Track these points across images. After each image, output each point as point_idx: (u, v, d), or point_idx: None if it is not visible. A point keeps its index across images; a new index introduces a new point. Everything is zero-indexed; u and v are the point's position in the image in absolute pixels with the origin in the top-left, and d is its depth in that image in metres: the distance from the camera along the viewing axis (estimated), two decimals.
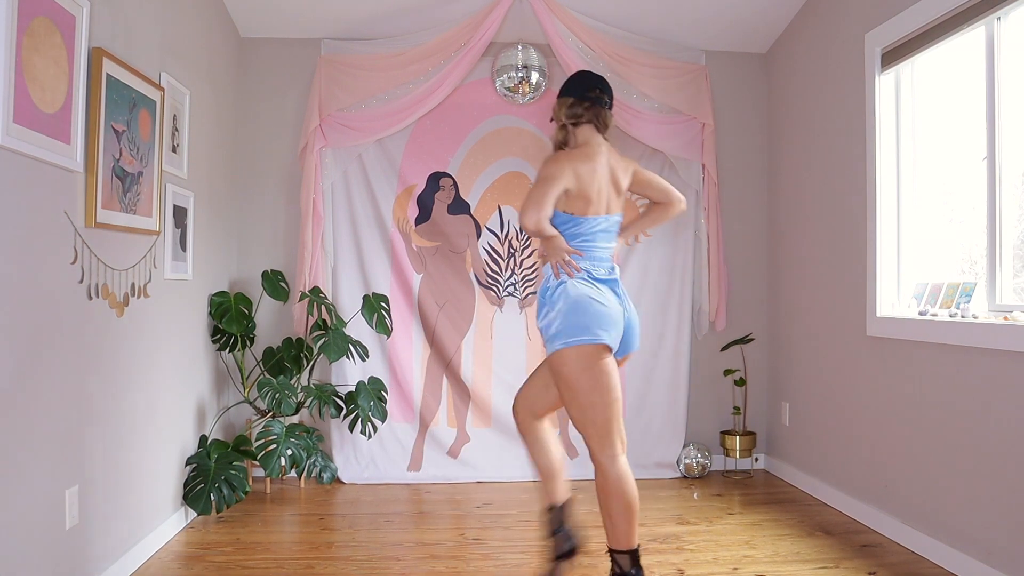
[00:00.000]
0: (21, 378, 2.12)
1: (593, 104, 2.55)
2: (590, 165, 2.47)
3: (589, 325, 2.35)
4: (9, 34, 1.99)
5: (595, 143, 2.54)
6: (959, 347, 2.79)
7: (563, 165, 2.44)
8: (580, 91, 2.57)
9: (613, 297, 2.46)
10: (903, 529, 3.11)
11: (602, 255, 2.50)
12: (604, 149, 2.54)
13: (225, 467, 3.39)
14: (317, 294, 3.91)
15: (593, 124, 2.56)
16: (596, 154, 2.50)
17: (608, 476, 2.41)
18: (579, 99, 2.56)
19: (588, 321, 2.36)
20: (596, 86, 2.58)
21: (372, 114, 4.09)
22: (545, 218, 2.37)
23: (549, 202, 2.38)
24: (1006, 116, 2.73)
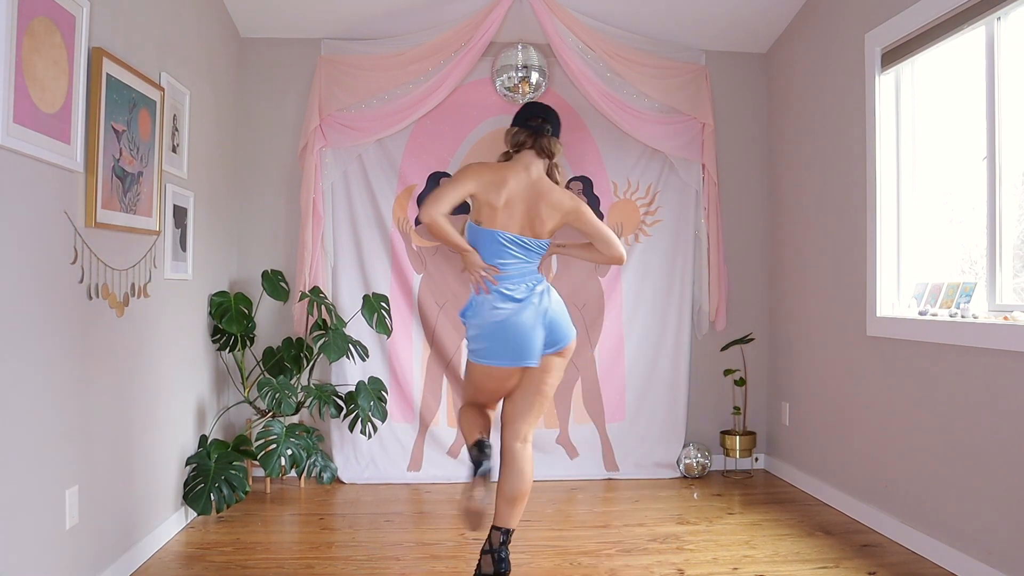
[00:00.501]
0: (21, 378, 2.12)
1: (533, 132, 2.70)
2: (500, 176, 2.60)
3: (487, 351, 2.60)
4: (9, 34, 1.99)
5: (523, 164, 2.67)
6: (959, 347, 2.79)
7: (470, 170, 2.61)
8: (523, 120, 2.73)
9: (527, 314, 2.57)
10: (903, 529, 3.11)
11: (515, 273, 2.62)
12: (533, 173, 2.67)
13: (225, 467, 3.39)
14: (317, 294, 3.91)
15: (535, 150, 2.69)
16: (514, 172, 2.63)
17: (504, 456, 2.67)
18: (521, 127, 2.72)
19: (488, 346, 2.59)
20: (539, 115, 2.73)
21: (372, 114, 4.09)
22: (440, 214, 2.51)
23: (446, 200, 2.53)
24: (1006, 116, 2.73)
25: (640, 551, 3.05)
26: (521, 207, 2.62)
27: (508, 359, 2.59)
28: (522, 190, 2.62)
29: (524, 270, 2.64)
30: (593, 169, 4.32)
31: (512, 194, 2.60)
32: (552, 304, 2.63)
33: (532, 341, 2.58)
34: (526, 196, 2.63)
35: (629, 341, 4.33)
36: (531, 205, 2.64)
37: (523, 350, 2.58)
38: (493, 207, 2.58)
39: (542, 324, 2.59)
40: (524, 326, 2.56)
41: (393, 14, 4.01)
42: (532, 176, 2.66)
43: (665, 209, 4.33)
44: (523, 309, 2.57)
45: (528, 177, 2.65)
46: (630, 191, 4.33)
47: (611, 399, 4.31)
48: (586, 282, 4.30)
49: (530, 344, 2.58)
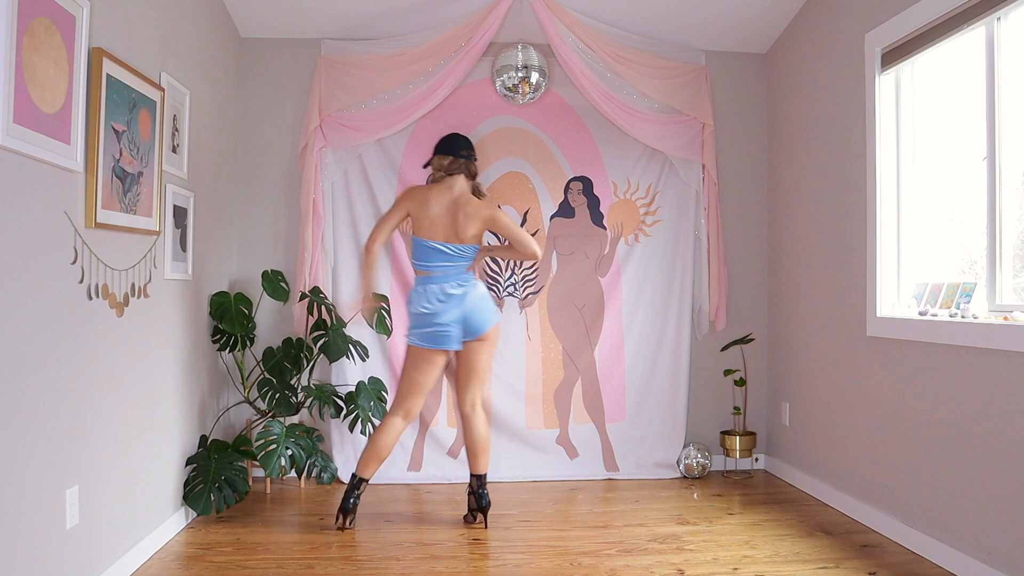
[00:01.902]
0: (21, 378, 2.12)
1: (465, 160, 3.33)
2: (427, 195, 3.27)
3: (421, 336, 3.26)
4: (9, 34, 1.99)
5: (447, 185, 3.30)
6: (959, 347, 2.79)
7: (405, 194, 3.35)
8: (456, 151, 3.33)
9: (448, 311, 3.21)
10: (903, 529, 3.11)
11: (440, 274, 3.25)
12: (455, 191, 3.29)
13: (225, 467, 3.39)
14: (317, 294, 3.91)
15: (464, 174, 3.33)
16: (437, 192, 3.27)
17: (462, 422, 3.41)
18: (456, 157, 3.32)
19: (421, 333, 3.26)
20: (467, 146, 3.35)
21: (372, 114, 4.09)
22: (378, 244, 3.27)
23: (388, 223, 3.31)
24: (1006, 116, 2.73)
25: (640, 551, 3.05)
26: (444, 219, 3.24)
27: (432, 343, 3.23)
28: (445, 205, 3.25)
29: (449, 271, 3.26)
30: (593, 169, 4.32)
31: (437, 210, 3.24)
32: (469, 302, 3.23)
33: (450, 332, 3.22)
34: (448, 209, 3.25)
35: (629, 341, 4.33)
36: (452, 217, 3.24)
37: (443, 339, 3.23)
38: (421, 221, 3.26)
39: (459, 320, 3.22)
40: (444, 320, 3.21)
41: (393, 14, 4.01)
42: (454, 193, 3.28)
43: (665, 209, 4.33)
44: (445, 307, 3.21)
45: (451, 195, 3.27)
46: (630, 191, 4.33)
47: (611, 399, 4.31)
48: (586, 282, 4.31)
49: (448, 335, 3.22)
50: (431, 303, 3.23)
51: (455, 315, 3.22)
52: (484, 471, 3.39)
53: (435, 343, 3.24)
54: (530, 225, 4.30)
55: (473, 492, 3.39)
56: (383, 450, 3.29)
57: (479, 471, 3.39)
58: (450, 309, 3.21)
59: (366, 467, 3.29)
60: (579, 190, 4.32)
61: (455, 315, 3.22)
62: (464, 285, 3.25)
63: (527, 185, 4.30)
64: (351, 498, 3.27)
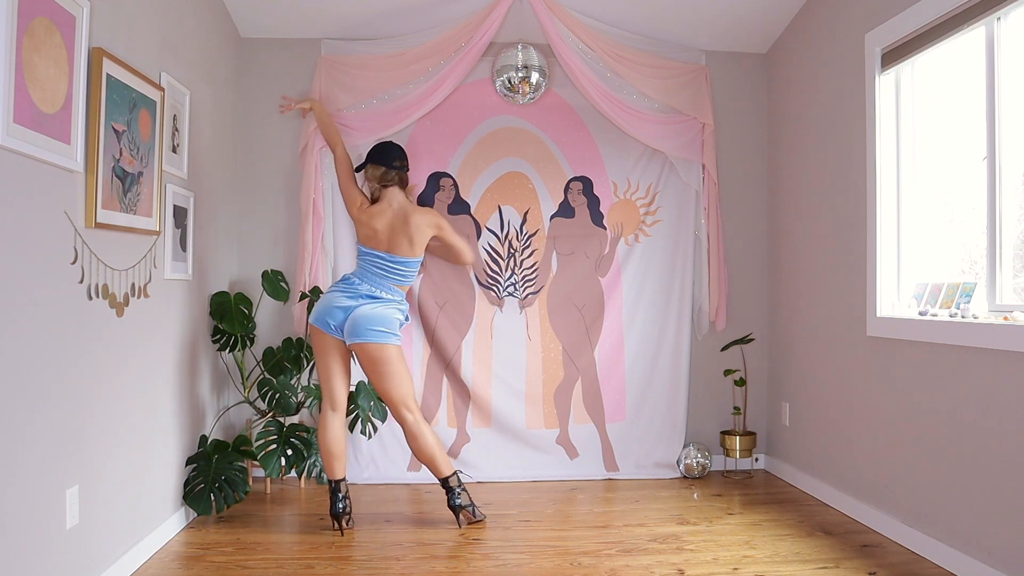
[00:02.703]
0: (21, 378, 2.12)
1: (398, 171, 3.42)
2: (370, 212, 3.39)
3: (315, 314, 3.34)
4: (9, 34, 1.99)
5: (385, 202, 3.40)
6: (959, 347, 2.79)
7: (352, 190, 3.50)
8: (389, 162, 3.39)
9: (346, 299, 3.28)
10: (903, 529, 3.11)
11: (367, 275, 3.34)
12: (395, 206, 3.39)
13: (225, 467, 3.39)
14: (317, 294, 3.91)
15: (397, 185, 3.42)
16: (379, 211, 3.37)
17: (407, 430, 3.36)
18: (388, 168, 3.40)
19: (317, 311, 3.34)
20: (400, 156, 3.43)
21: (372, 114, 4.09)
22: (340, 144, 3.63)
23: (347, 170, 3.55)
24: (1006, 116, 2.73)
25: (640, 551, 3.05)
26: (388, 233, 3.35)
27: (315, 319, 3.29)
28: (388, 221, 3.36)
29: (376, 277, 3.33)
30: (593, 169, 4.32)
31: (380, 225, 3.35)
32: (367, 306, 3.25)
33: (334, 315, 3.26)
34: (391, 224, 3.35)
35: (629, 341, 4.33)
36: (399, 231, 3.33)
37: (324, 317, 3.26)
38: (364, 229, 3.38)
39: (345, 310, 3.25)
40: (334, 303, 3.27)
41: (393, 14, 4.01)
42: (394, 208, 3.38)
43: (665, 209, 4.33)
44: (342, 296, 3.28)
45: (391, 211, 3.37)
46: (630, 191, 4.33)
47: (611, 399, 4.31)
48: (586, 282, 4.31)
49: (331, 316, 3.26)
50: (335, 287, 3.33)
51: (345, 304, 3.25)
52: (445, 474, 3.35)
53: (317, 319, 3.27)
54: (530, 225, 4.30)
55: (448, 493, 3.37)
56: (332, 445, 3.30)
57: (440, 475, 3.35)
58: (344, 298, 3.26)
59: (329, 468, 3.32)
60: (579, 190, 4.32)
61: (345, 304, 3.25)
62: (379, 295, 3.30)
63: (527, 185, 4.30)
64: (337, 502, 3.28)
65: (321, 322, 3.27)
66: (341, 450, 3.33)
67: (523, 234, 4.30)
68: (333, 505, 3.28)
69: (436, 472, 3.35)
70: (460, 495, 3.35)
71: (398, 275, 3.37)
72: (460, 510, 3.34)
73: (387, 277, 3.35)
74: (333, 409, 3.33)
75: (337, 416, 3.34)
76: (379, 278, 3.34)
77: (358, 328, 3.22)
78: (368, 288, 3.30)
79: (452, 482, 3.34)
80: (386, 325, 3.26)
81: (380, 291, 3.31)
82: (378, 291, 3.31)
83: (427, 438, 3.31)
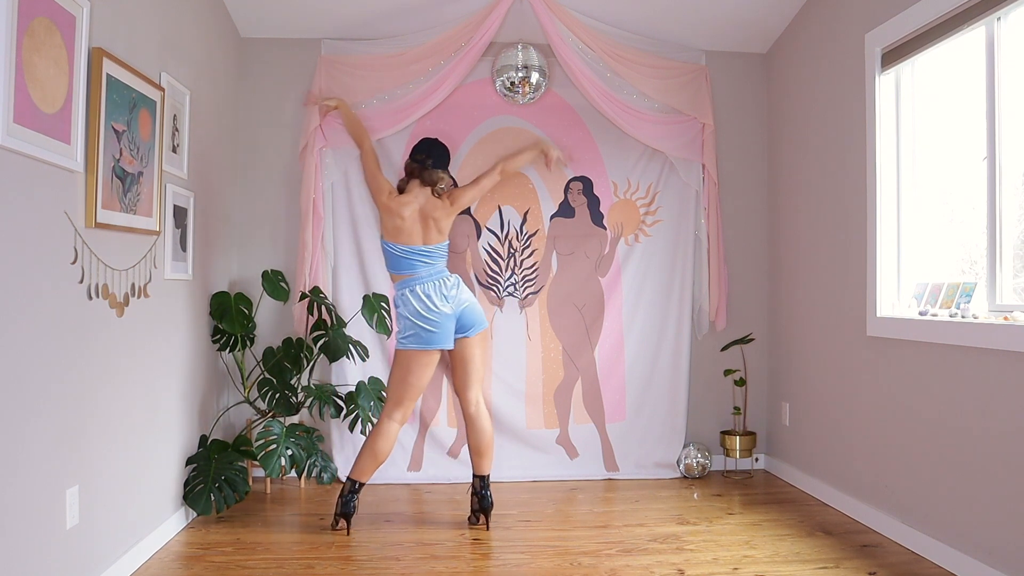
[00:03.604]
0: (21, 378, 2.12)
1: (419, 164, 3.45)
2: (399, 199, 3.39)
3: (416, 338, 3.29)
4: (9, 34, 1.99)
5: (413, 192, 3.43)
6: (959, 347, 2.79)
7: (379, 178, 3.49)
8: (412, 154, 3.50)
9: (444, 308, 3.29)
10: (903, 529, 3.11)
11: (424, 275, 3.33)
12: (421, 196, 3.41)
13: (225, 467, 3.39)
14: (317, 294, 3.91)
15: (418, 178, 3.45)
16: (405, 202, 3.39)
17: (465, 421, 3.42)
18: (410, 159, 3.49)
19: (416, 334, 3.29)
20: (421, 150, 3.48)
21: (372, 114, 4.09)
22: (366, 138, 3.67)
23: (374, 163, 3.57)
24: (1006, 116, 2.73)
25: (640, 551, 3.05)
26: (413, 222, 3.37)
27: (427, 344, 3.26)
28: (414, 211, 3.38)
29: (432, 271, 3.34)
30: (593, 169, 4.32)
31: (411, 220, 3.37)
32: (460, 298, 3.32)
33: (443, 330, 3.27)
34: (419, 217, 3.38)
35: (629, 341, 4.33)
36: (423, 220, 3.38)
37: (437, 338, 3.26)
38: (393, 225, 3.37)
39: (452, 316, 3.29)
40: (437, 318, 3.26)
41: (393, 14, 4.01)
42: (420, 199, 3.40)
43: (665, 209, 4.33)
44: (438, 307, 3.27)
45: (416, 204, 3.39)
46: (630, 191, 4.33)
47: (611, 399, 4.31)
48: (586, 282, 4.31)
49: (441, 333, 3.26)
50: (425, 303, 3.27)
51: (447, 312, 3.28)
52: (487, 471, 3.39)
53: (429, 343, 3.26)
54: (530, 225, 4.30)
55: (476, 493, 3.38)
56: (381, 455, 3.28)
57: (483, 471, 3.39)
58: (443, 308, 3.28)
59: (364, 471, 3.27)
60: (579, 190, 4.32)
61: (447, 312, 3.28)
62: (450, 282, 3.35)
63: (527, 185, 4.30)
64: (351, 503, 3.25)
65: (432, 343, 3.26)
66: (384, 461, 3.32)
67: (523, 234, 4.30)
68: (346, 504, 3.24)
69: (484, 467, 3.37)
70: (490, 496, 3.36)
71: (441, 258, 3.43)
72: (489, 511, 3.34)
73: (436, 264, 3.39)
74: (401, 422, 3.32)
75: (399, 428, 3.33)
76: (433, 269, 3.36)
77: (470, 317, 3.32)
78: (441, 285, 3.32)
79: (486, 482, 3.37)
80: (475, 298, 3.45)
81: (448, 277, 3.37)
82: (447, 278, 3.36)
83: (490, 427, 3.40)
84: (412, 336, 3.27)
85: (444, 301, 3.29)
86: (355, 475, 3.27)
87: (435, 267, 3.37)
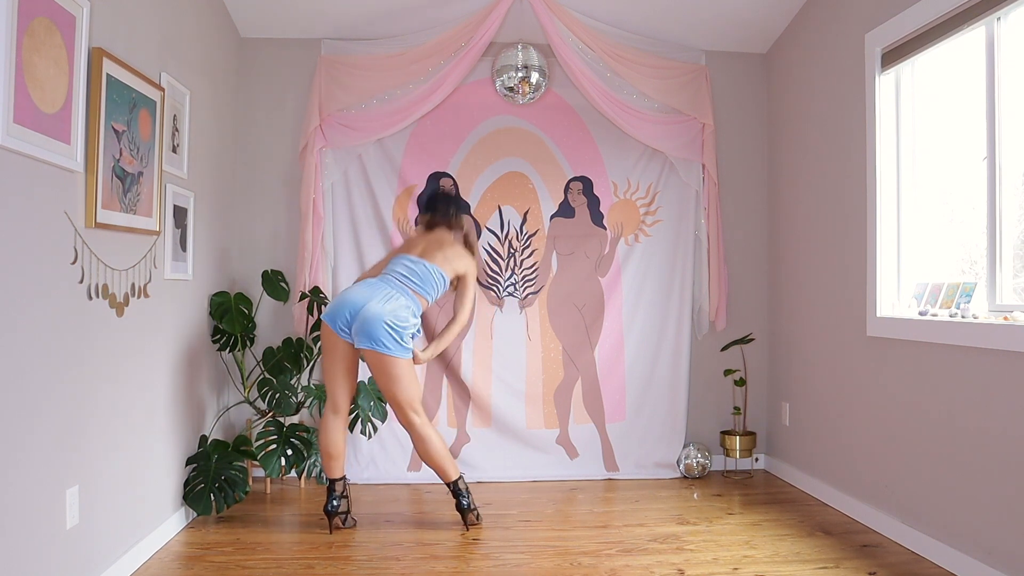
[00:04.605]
0: (21, 378, 2.12)
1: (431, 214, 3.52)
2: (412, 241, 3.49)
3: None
4: (9, 34, 1.99)
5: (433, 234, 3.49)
6: (959, 347, 2.79)
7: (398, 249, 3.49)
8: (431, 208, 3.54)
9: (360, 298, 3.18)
10: (903, 529, 3.11)
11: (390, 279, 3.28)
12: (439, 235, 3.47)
13: (225, 467, 3.39)
14: (317, 294, 3.91)
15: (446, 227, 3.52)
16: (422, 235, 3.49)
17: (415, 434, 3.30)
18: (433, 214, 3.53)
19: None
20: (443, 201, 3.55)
21: (372, 114, 4.09)
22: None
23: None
24: (1006, 116, 2.73)
25: (640, 551, 3.05)
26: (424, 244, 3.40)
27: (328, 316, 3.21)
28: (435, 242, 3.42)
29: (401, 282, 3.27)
30: (593, 169, 4.32)
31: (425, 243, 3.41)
32: (379, 306, 3.13)
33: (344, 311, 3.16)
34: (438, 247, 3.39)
35: (629, 341, 4.33)
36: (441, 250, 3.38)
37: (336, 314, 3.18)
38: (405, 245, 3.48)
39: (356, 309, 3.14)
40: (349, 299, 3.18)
41: (393, 14, 4.01)
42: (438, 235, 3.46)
43: (665, 209, 4.33)
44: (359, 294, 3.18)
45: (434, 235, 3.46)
46: (630, 191, 4.33)
47: (611, 399, 4.31)
48: (586, 282, 4.31)
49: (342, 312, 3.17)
50: (353, 286, 3.27)
51: (354, 300, 3.15)
52: (451, 479, 3.31)
53: (327, 315, 3.21)
54: (530, 225, 4.30)
55: (456, 497, 3.35)
56: (330, 447, 3.28)
57: (446, 480, 3.32)
58: (357, 296, 3.17)
59: (327, 468, 3.31)
60: (579, 190, 4.32)
61: (354, 300, 3.15)
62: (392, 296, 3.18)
63: (527, 185, 4.30)
64: (332, 500, 3.27)
65: (331, 320, 3.19)
66: (339, 451, 3.31)
67: (523, 234, 4.30)
68: (328, 503, 3.28)
69: (444, 476, 3.31)
70: (468, 497, 3.33)
71: (417, 278, 3.27)
72: (468, 512, 3.32)
73: (408, 279, 3.27)
74: (334, 412, 3.30)
75: (338, 418, 3.31)
76: (400, 280, 3.27)
77: (368, 331, 3.09)
78: (386, 290, 3.20)
79: (460, 485, 3.32)
80: (396, 330, 3.10)
81: (397, 293, 3.21)
82: (395, 292, 3.20)
83: (434, 442, 3.26)
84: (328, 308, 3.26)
85: (366, 289, 3.19)
86: (325, 472, 3.36)
87: (402, 281, 3.26)
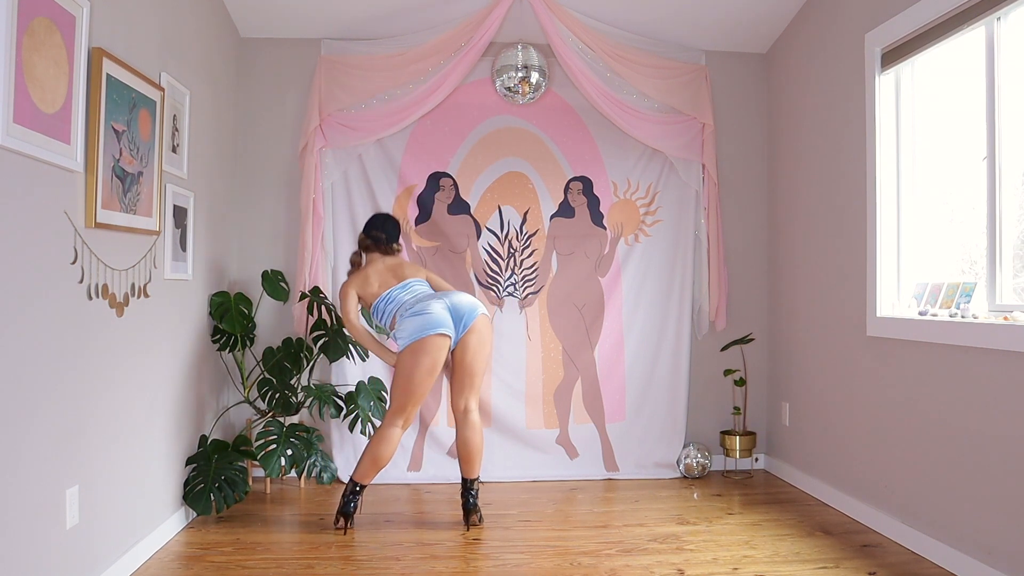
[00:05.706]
0: (21, 378, 2.12)
1: (375, 242, 3.55)
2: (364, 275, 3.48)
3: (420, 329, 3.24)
4: (9, 34, 1.99)
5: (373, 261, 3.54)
6: (959, 347, 2.79)
7: (346, 285, 3.50)
8: (367, 231, 3.58)
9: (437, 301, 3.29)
10: (903, 529, 3.11)
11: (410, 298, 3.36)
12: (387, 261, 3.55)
13: (225, 467, 3.39)
14: (317, 294, 3.91)
15: (379, 252, 3.56)
16: (371, 271, 3.49)
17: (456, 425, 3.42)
18: (366, 236, 3.58)
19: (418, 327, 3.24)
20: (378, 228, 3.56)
21: (372, 114, 4.09)
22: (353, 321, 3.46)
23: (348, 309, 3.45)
24: (1006, 116, 2.73)
25: (640, 551, 3.05)
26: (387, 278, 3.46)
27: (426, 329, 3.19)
28: (381, 272, 3.48)
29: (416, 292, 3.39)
30: (593, 169, 4.32)
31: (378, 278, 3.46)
32: (459, 296, 3.32)
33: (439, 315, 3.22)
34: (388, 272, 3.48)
35: (629, 341, 4.33)
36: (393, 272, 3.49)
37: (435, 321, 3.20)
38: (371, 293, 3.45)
39: (447, 307, 3.25)
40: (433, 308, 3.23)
41: (393, 14, 4.01)
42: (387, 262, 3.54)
43: (665, 209, 4.33)
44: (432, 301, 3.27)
45: (380, 266, 3.51)
46: (630, 191, 4.33)
47: (611, 399, 4.31)
48: (586, 282, 4.31)
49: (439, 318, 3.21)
50: (419, 302, 3.28)
51: (444, 303, 3.27)
52: (474, 476, 3.38)
53: (429, 327, 3.18)
54: (530, 225, 4.30)
55: (464, 495, 3.38)
56: (383, 460, 3.25)
57: (469, 475, 3.37)
58: (436, 301, 3.27)
59: (364, 475, 3.26)
60: (579, 190, 4.32)
61: (444, 303, 3.27)
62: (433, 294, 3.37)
63: (527, 185, 4.30)
64: (352, 503, 3.26)
65: (445, 327, 3.21)
66: (386, 465, 3.31)
67: (523, 234, 4.30)
68: (345, 504, 3.26)
69: (473, 470, 3.35)
70: (477, 497, 3.39)
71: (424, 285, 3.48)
72: (474, 512, 3.34)
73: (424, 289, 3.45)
74: (404, 427, 3.29)
75: (402, 433, 3.30)
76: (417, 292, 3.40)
77: (465, 306, 3.27)
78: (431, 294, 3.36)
79: (477, 484, 3.39)
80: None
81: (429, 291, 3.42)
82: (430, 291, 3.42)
83: (481, 432, 3.39)
84: (406, 335, 3.22)
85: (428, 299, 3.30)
86: (357, 477, 3.27)
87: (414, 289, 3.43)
